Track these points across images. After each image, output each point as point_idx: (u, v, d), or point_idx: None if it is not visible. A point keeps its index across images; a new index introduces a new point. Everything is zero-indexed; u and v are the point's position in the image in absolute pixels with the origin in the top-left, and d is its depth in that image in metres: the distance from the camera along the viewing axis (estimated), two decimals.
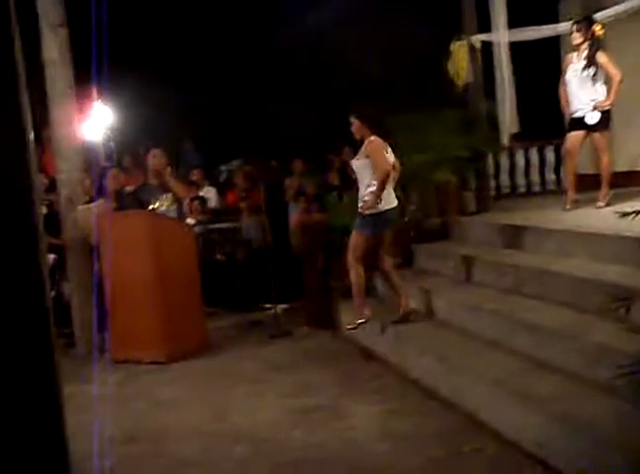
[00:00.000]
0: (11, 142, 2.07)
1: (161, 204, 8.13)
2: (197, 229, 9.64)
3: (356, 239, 7.15)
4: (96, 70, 6.84)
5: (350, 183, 10.12)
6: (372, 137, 6.95)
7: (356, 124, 7.09)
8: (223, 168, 12.73)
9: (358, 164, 7.06)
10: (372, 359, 7.28)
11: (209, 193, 11.68)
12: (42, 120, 8.33)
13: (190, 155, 14.63)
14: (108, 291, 7.88)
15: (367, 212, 6.95)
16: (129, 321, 7.75)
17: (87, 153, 8.90)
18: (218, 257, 10.44)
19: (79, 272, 8.32)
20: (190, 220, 9.19)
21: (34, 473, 2.11)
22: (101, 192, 8.88)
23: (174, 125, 14.47)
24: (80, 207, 8.32)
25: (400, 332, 7.10)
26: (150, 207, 8.12)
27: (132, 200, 8.45)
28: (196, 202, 10.70)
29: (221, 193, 12.00)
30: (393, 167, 7.11)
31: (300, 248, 9.38)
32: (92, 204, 8.52)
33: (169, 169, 8.55)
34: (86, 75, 7.83)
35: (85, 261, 8.20)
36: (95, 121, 8.88)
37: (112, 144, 9.39)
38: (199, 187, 11.61)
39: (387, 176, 6.84)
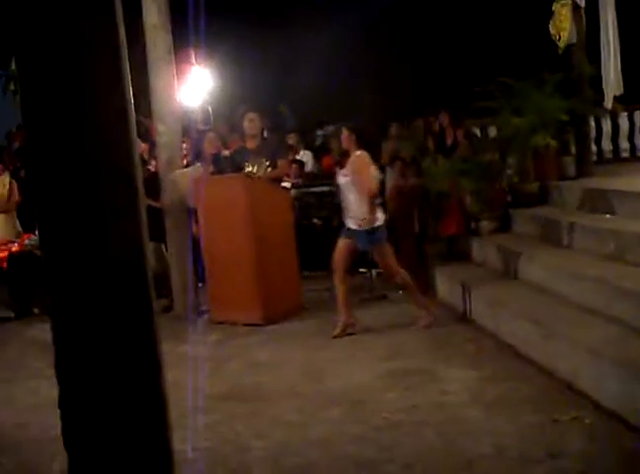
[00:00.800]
0: (113, 108, 2.12)
1: (256, 168, 8.18)
2: (293, 193, 9.69)
3: (380, 251, 7.28)
4: (195, 34, 6.91)
5: (445, 147, 10.02)
6: (359, 152, 7.11)
7: (344, 135, 7.31)
8: (319, 132, 12.76)
9: (343, 181, 7.25)
10: (467, 324, 7.24)
11: (306, 156, 11.72)
12: (143, 85, 8.47)
13: (286, 119, 14.69)
14: (205, 254, 8.01)
15: (374, 226, 7.09)
16: (226, 283, 7.87)
17: (185, 117, 9.02)
18: (314, 221, 10.48)
19: (177, 234, 8.48)
20: (286, 184, 9.24)
21: (136, 427, 2.18)
22: (198, 155, 9.01)
23: (270, 90, 14.53)
24: (178, 171, 8.46)
25: (495, 297, 7.03)
26: (246, 171, 8.19)
27: (229, 164, 8.54)
28: (293, 166, 10.75)
29: (317, 157, 12.03)
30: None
31: (396, 213, 9.34)
32: (190, 168, 8.65)
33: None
34: (185, 39, 7.91)
35: (183, 223, 8.35)
36: (193, 86, 8.97)
37: (209, 108, 9.48)
38: (295, 151, 11.66)
39: (374, 194, 7.04)
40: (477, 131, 11.47)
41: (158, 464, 2.22)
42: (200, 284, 8.63)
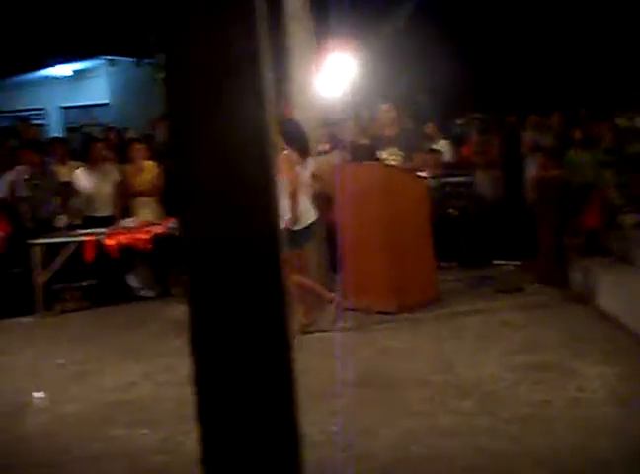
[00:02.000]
0: (249, 94, 2.18)
1: (392, 157, 8.19)
2: (430, 182, 9.65)
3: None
4: (336, 21, 6.96)
5: (589, 139, 9.75)
6: (285, 152, 7.05)
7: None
8: (458, 122, 12.63)
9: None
10: (605, 320, 7.04)
11: (444, 146, 11.63)
12: (283, 72, 8.59)
13: (424, 108, 14.59)
14: (341, 240, 8.08)
15: (296, 228, 7.01)
16: (362, 270, 7.92)
17: (324, 105, 9.10)
18: (451, 211, 10.41)
19: None
20: (423, 173, 9.20)
21: (265, 405, 2.25)
22: (336, 143, 9.08)
23: (408, 78, 14.46)
24: (317, 158, 8.55)
25: (636, 294, 6.80)
26: (382, 159, 8.21)
27: (367, 152, 8.58)
28: (430, 156, 10.69)
29: (456, 146, 11.92)
30: (314, 176, 7.30)
31: (536, 204, 9.17)
32: (327, 156, 8.74)
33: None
34: (326, 26, 7.99)
35: (320, 210, 8.43)
36: (333, 74, 9.04)
37: (347, 96, 9.53)
38: (433, 140, 11.59)
39: (294, 191, 6.96)
40: (625, 122, 11.10)
41: (287, 442, 2.27)
42: (334, 272, 8.71)
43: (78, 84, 16.81)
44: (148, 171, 9.90)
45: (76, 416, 5.71)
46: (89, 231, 9.04)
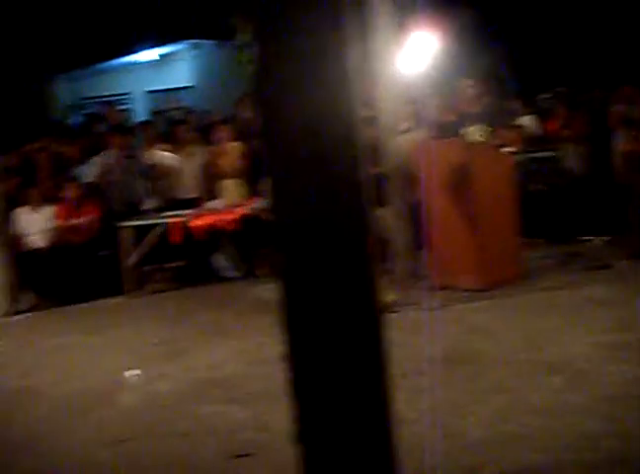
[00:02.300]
0: (335, 73, 2.19)
1: (478, 133, 8.11)
2: (516, 158, 9.51)
3: None
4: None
5: None
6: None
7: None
8: (544, 96, 12.39)
9: None
10: None
11: (529, 121, 11.44)
12: (366, 52, 8.56)
13: (508, 84, 14.37)
14: (426, 218, 8.04)
15: None
16: (447, 248, 7.88)
17: (407, 83, 9.04)
18: (538, 187, 10.25)
19: (398, 198, 8.54)
20: (508, 149, 9.09)
21: (356, 380, 2.27)
22: (420, 120, 9.02)
23: (491, 53, 14.25)
24: (401, 137, 8.51)
25: None
26: (467, 136, 8.14)
27: (451, 129, 8.51)
28: (515, 131, 10.54)
29: (541, 121, 11.71)
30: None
31: (625, 178, 8.96)
32: (412, 133, 8.69)
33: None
34: (408, 5, 7.92)
35: (404, 188, 8.41)
36: (416, 50, 8.97)
37: (432, 73, 9.45)
38: (517, 115, 11.41)
39: None
40: None
41: (379, 419, 2.30)
42: (420, 249, 8.68)
43: (162, 68, 17.02)
44: (233, 152, 10.00)
45: (168, 393, 5.86)
46: (176, 213, 9.20)
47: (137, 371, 6.36)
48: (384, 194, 8.69)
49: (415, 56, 8.84)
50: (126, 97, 16.94)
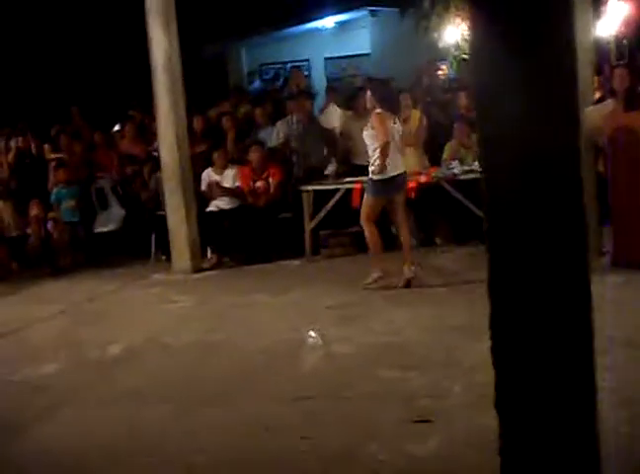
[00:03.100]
0: (560, 41, 2.16)
1: None
2: None
3: (365, 201, 7.89)
4: None
5: None
6: (378, 110, 7.68)
7: (368, 96, 7.97)
8: None
9: (366, 134, 7.83)
10: None
11: None
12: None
13: None
14: (612, 193, 7.79)
15: (376, 178, 7.66)
16: (632, 225, 7.61)
17: (599, 50, 8.74)
18: None
19: (585, 173, 8.30)
20: None
21: (563, 351, 2.25)
22: (611, 91, 8.69)
23: None
24: (589, 107, 8.24)
25: None
26: None
27: None
28: None
29: None
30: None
31: None
32: (601, 104, 8.40)
33: None
34: None
35: (590, 161, 8.15)
36: (609, 17, 8.65)
37: (624, 41, 9.10)
38: None
39: (386, 146, 7.52)
40: None
41: (583, 390, 2.27)
42: (604, 225, 8.41)
43: (341, 35, 17.12)
44: (413, 120, 9.97)
45: (347, 356, 5.96)
46: (356, 179, 9.28)
47: (316, 333, 6.51)
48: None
49: (609, 23, 8.54)
50: (305, 63, 17.17)
